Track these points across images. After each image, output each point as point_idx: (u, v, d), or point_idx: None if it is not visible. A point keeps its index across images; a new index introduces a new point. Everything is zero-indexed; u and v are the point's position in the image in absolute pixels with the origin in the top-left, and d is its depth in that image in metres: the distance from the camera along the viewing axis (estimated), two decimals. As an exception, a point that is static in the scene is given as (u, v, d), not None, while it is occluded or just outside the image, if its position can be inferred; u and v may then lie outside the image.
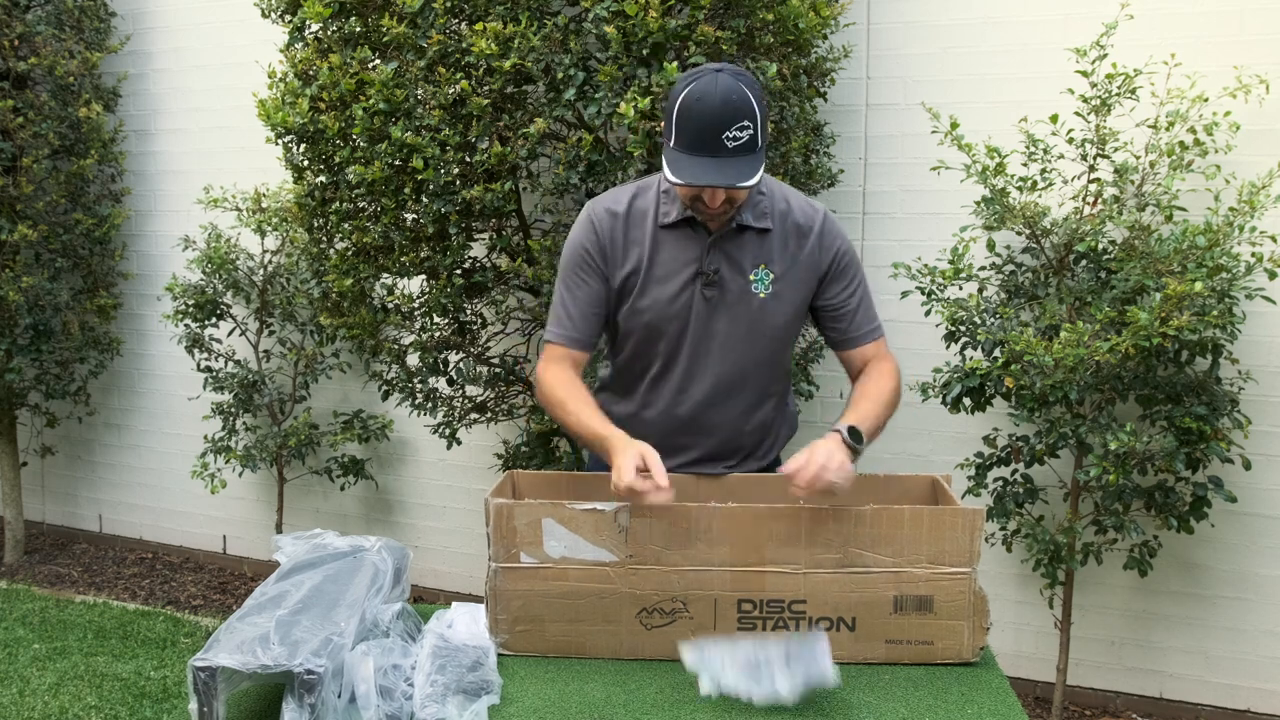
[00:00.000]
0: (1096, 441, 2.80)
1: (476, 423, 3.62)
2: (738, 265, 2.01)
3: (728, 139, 1.82)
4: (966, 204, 3.17)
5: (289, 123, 3.12)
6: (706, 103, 1.82)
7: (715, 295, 2.02)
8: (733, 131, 1.82)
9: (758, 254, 2.02)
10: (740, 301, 2.02)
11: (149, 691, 3.48)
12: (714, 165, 1.84)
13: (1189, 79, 3.02)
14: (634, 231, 2.04)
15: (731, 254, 2.01)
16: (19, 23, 4.25)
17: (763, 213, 2.02)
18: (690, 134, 1.84)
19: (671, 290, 2.02)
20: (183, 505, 4.91)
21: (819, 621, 1.72)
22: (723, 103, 1.82)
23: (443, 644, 1.70)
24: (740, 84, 1.84)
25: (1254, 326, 3.05)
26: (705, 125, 1.82)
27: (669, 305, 2.02)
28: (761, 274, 2.02)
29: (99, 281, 4.72)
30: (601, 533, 1.72)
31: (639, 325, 2.06)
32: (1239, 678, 3.26)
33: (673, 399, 2.09)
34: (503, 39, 2.84)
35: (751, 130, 1.83)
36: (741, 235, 2.01)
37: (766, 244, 2.02)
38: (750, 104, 1.83)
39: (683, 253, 2.02)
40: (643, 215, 2.04)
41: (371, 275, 3.27)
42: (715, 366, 2.06)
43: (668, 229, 2.02)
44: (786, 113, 3.09)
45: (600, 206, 2.07)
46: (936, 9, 3.40)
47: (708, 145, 1.83)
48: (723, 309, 2.02)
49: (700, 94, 1.83)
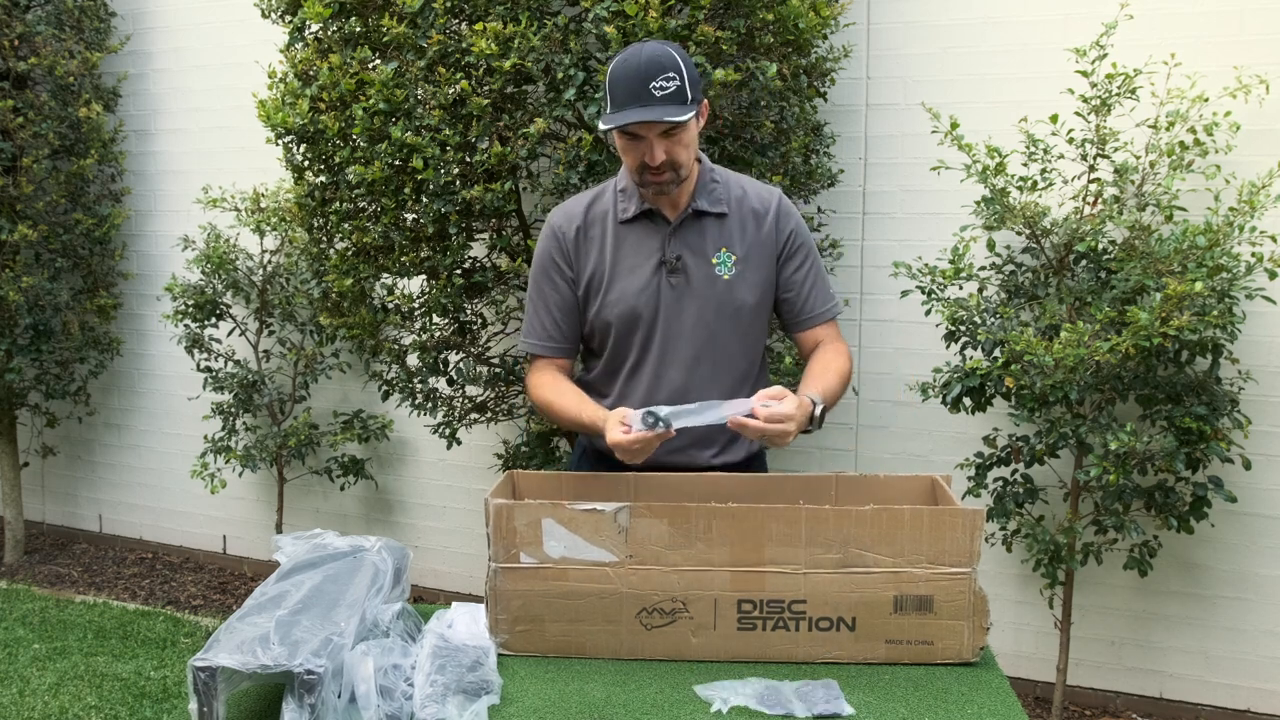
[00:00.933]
0: (1096, 441, 2.80)
1: (476, 423, 3.62)
2: (699, 251, 2.07)
3: (654, 88, 1.91)
4: (966, 204, 3.17)
5: (289, 123, 3.12)
6: (630, 61, 1.94)
7: (680, 281, 2.07)
8: (659, 81, 1.91)
9: (718, 238, 2.08)
10: (706, 285, 2.07)
11: (149, 691, 3.48)
12: (644, 111, 1.92)
13: (1189, 79, 3.02)
14: (593, 232, 2.11)
15: (692, 241, 2.08)
16: (19, 23, 4.25)
17: (718, 199, 2.09)
18: (619, 90, 1.93)
19: (638, 282, 2.08)
20: (183, 505, 4.91)
21: (819, 621, 1.72)
22: (647, 59, 1.92)
23: (443, 644, 1.70)
24: (666, 47, 1.95)
25: (1254, 326, 3.05)
26: (632, 79, 1.92)
27: (637, 297, 2.08)
28: (724, 256, 2.08)
29: (99, 281, 4.72)
30: (601, 533, 1.72)
31: (611, 319, 2.11)
32: (1239, 678, 3.26)
33: (651, 388, 2.11)
34: (503, 39, 2.84)
35: (678, 82, 1.92)
36: (700, 221, 2.08)
37: (725, 228, 2.09)
38: (674, 59, 1.93)
39: (645, 245, 2.08)
40: (602, 215, 2.11)
41: (371, 275, 3.27)
42: (689, 351, 2.09)
43: (628, 224, 2.09)
44: (786, 113, 3.09)
45: (560, 215, 2.15)
46: (936, 9, 3.40)
47: (637, 96, 1.92)
48: (689, 295, 2.07)
49: (625, 57, 1.96)
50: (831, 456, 3.66)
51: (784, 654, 1.73)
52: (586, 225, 2.11)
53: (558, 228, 2.13)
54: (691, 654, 1.75)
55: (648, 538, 1.71)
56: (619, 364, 2.15)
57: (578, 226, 2.11)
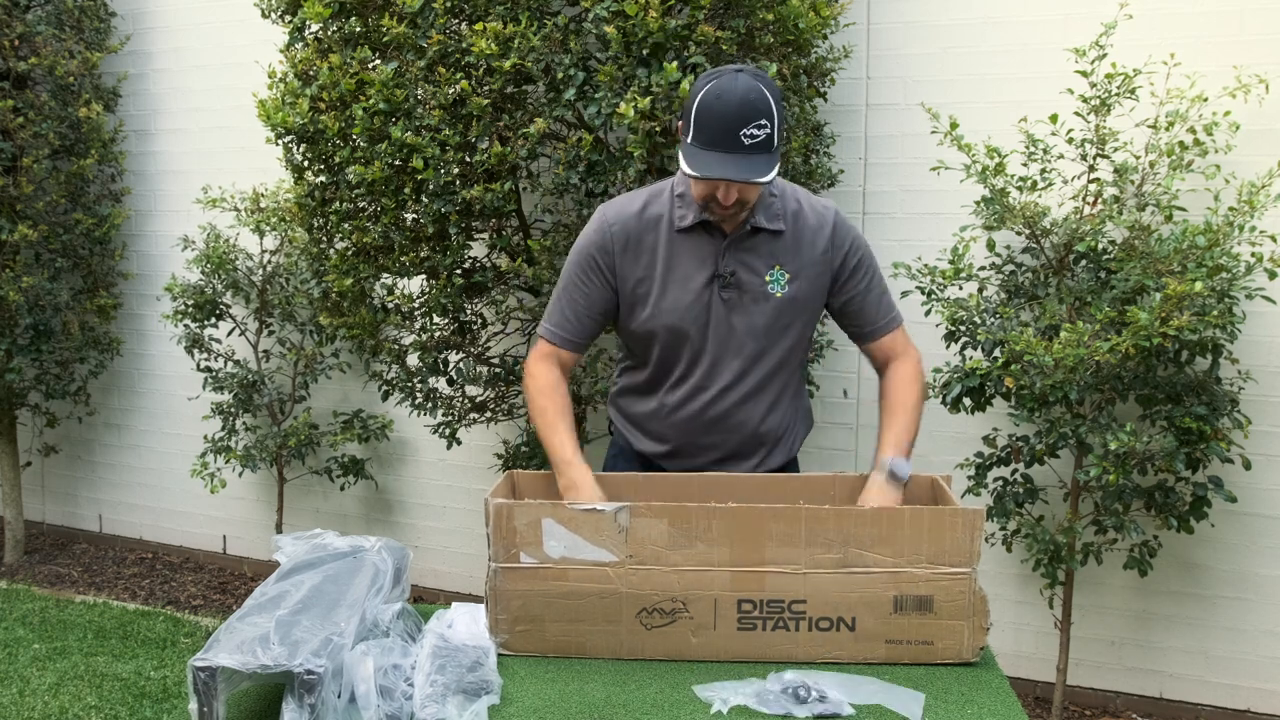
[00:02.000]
0: (1096, 441, 2.80)
1: (476, 423, 3.62)
2: (753, 267, 2.05)
3: (745, 136, 1.85)
4: (966, 204, 3.17)
5: (289, 123, 3.12)
6: (726, 100, 1.86)
7: (733, 296, 2.05)
8: (750, 129, 1.85)
9: (772, 255, 2.05)
10: (758, 302, 2.05)
11: (149, 691, 3.48)
12: (730, 161, 1.87)
13: (1189, 79, 3.02)
14: (647, 237, 2.06)
15: (746, 256, 2.04)
16: (19, 23, 4.25)
17: (775, 214, 2.05)
18: (709, 130, 1.87)
19: (691, 293, 2.05)
20: (183, 505, 4.91)
21: (819, 621, 1.72)
22: (741, 101, 1.85)
23: (443, 644, 1.70)
24: (759, 84, 1.88)
25: (1254, 326, 3.05)
26: (724, 122, 1.85)
27: (689, 309, 2.05)
28: (777, 274, 2.05)
29: (99, 281, 4.72)
30: (601, 533, 1.72)
31: (660, 328, 2.08)
32: (1239, 678, 3.26)
33: (695, 399, 2.11)
34: (503, 39, 2.84)
35: (768, 129, 1.87)
36: (755, 237, 2.05)
37: (780, 245, 2.06)
38: (769, 104, 1.87)
39: (699, 256, 2.05)
40: (656, 221, 2.07)
41: (371, 275, 3.27)
42: (736, 366, 2.08)
43: (683, 233, 2.05)
44: (786, 113, 3.09)
45: (613, 212, 2.09)
46: (936, 9, 3.40)
47: (725, 141, 1.86)
48: (741, 310, 2.05)
49: (720, 91, 1.87)
50: (831, 456, 3.66)
51: (784, 654, 1.73)
52: (640, 229, 2.06)
53: (608, 224, 2.07)
54: (691, 654, 1.75)
55: (648, 538, 1.71)
56: (664, 372, 2.13)
57: (630, 230, 2.06)
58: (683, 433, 2.13)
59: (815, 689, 1.59)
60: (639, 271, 2.06)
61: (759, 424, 2.14)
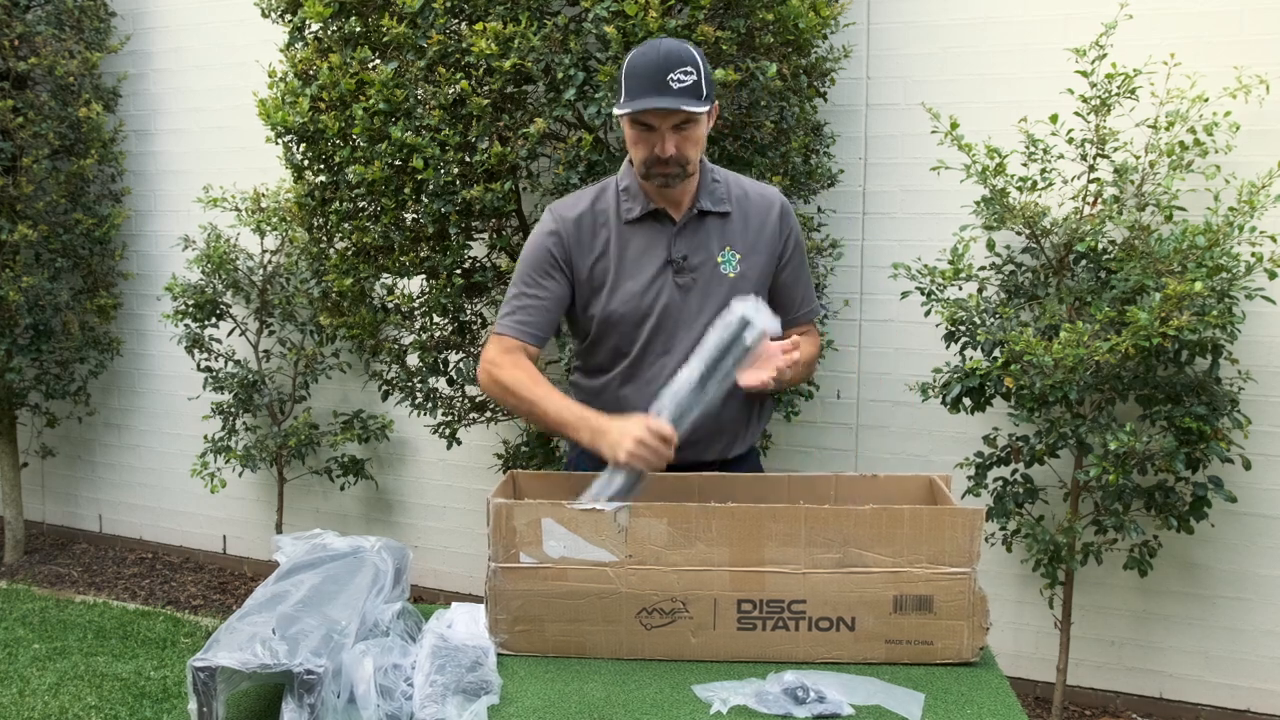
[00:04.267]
0: (1096, 441, 2.80)
1: (476, 423, 3.62)
2: (704, 249, 2.10)
3: (672, 80, 1.93)
4: (966, 204, 3.16)
5: (289, 122, 3.12)
6: (649, 54, 1.96)
7: (687, 281, 2.09)
8: (676, 74, 1.93)
9: (721, 237, 2.12)
10: (712, 283, 2.10)
11: (149, 691, 3.48)
12: (661, 99, 1.93)
13: (1189, 79, 3.02)
14: (600, 231, 2.11)
15: (697, 240, 2.10)
16: (19, 23, 4.25)
17: (720, 198, 2.12)
18: (635, 79, 1.95)
19: (644, 281, 2.09)
20: (183, 505, 4.91)
21: (819, 621, 1.72)
22: (665, 51, 1.95)
23: (442, 644, 1.70)
24: (683, 43, 1.98)
25: (1254, 326, 3.05)
26: (650, 69, 1.94)
27: (643, 296, 2.09)
28: (728, 255, 2.11)
29: (99, 281, 4.72)
30: (601, 533, 1.72)
31: (616, 318, 2.11)
32: (1239, 678, 3.26)
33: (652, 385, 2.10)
34: (503, 39, 2.84)
35: (695, 77, 1.94)
36: (703, 221, 2.11)
37: (728, 227, 2.12)
38: (692, 55, 1.96)
39: (650, 245, 2.10)
40: (605, 214, 2.12)
41: (371, 275, 3.27)
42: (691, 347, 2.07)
43: (632, 224, 2.10)
44: (786, 113, 3.09)
45: (563, 207, 2.15)
46: (936, 9, 3.40)
47: (654, 86, 1.93)
48: (696, 292, 2.10)
49: (643, 50, 1.98)
50: (831, 456, 3.66)
51: (784, 654, 1.73)
52: (593, 223, 2.11)
53: (560, 221, 2.11)
54: (691, 654, 1.74)
55: (647, 537, 1.71)
56: (621, 360, 2.15)
57: (581, 224, 2.11)
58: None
59: (815, 689, 1.59)
60: (593, 263, 2.10)
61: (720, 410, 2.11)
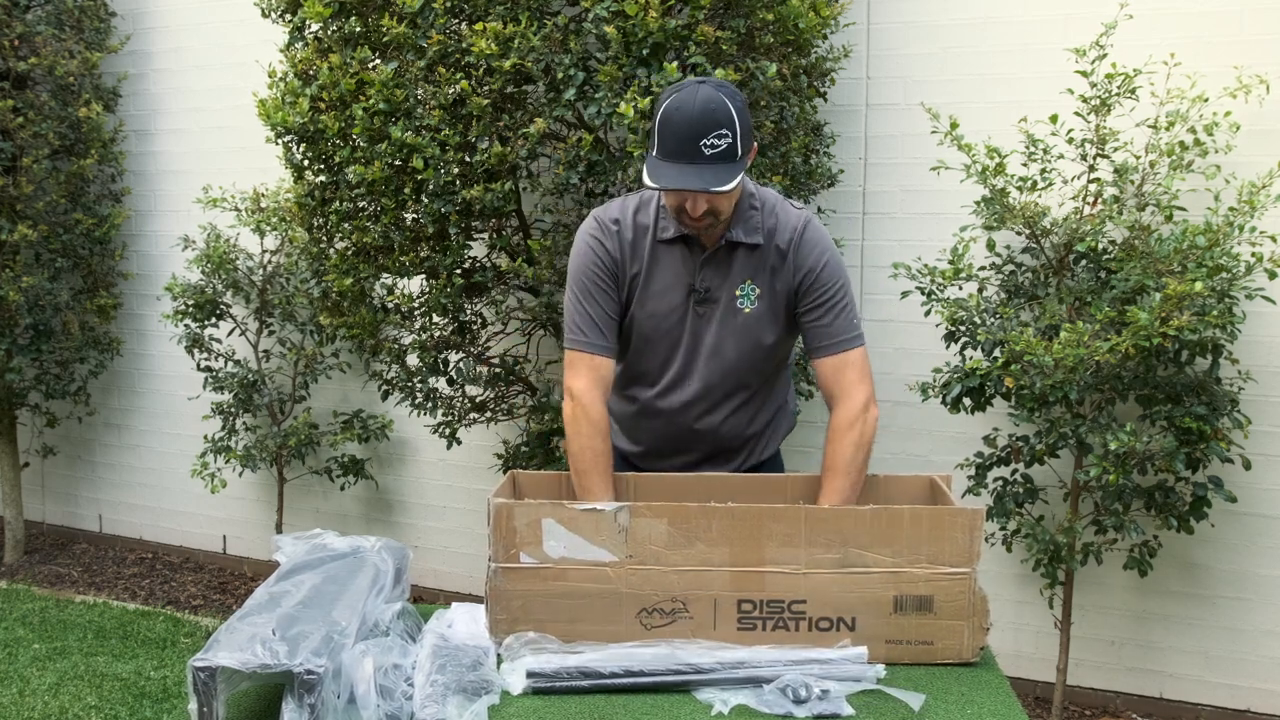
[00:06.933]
0: (1096, 441, 2.80)
1: (476, 423, 3.61)
2: (725, 281, 2.05)
3: (705, 145, 1.85)
4: (966, 204, 3.16)
5: (289, 122, 3.12)
6: (685, 111, 1.86)
7: (706, 311, 2.06)
8: (710, 139, 1.85)
9: (745, 270, 2.05)
10: (727, 317, 2.06)
11: (149, 691, 3.48)
12: (692, 171, 1.86)
13: (1189, 79, 3.02)
14: (638, 243, 2.06)
15: (721, 271, 2.05)
16: (19, 23, 4.25)
17: (754, 228, 2.03)
18: (670, 142, 1.87)
19: (667, 305, 2.06)
20: (183, 505, 4.91)
21: (819, 621, 1.72)
22: (701, 111, 1.85)
23: (443, 644, 1.70)
24: (720, 95, 1.87)
25: (1254, 326, 3.05)
26: (684, 132, 1.85)
27: (664, 319, 2.07)
28: (747, 289, 2.05)
29: (99, 281, 4.72)
30: (601, 533, 1.72)
31: (635, 335, 2.10)
32: (1239, 678, 3.26)
33: (663, 410, 2.13)
34: (503, 39, 2.84)
35: (730, 139, 1.86)
36: (733, 252, 2.04)
37: (755, 259, 2.05)
38: (729, 113, 1.86)
39: (676, 269, 2.05)
40: (644, 229, 2.07)
41: (371, 275, 3.27)
42: (708, 378, 2.09)
43: (665, 244, 2.05)
44: (786, 113, 3.09)
45: (607, 218, 2.09)
46: (936, 9, 3.40)
47: (685, 152, 1.86)
48: (713, 324, 2.06)
49: (680, 103, 1.87)
50: (831, 456, 3.66)
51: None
52: (635, 233, 2.06)
53: (604, 229, 2.07)
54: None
55: (648, 538, 1.71)
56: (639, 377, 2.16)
57: (625, 231, 2.06)
58: (654, 438, 2.18)
59: (815, 689, 1.59)
60: (633, 274, 2.07)
61: (734, 432, 2.16)
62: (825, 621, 1.72)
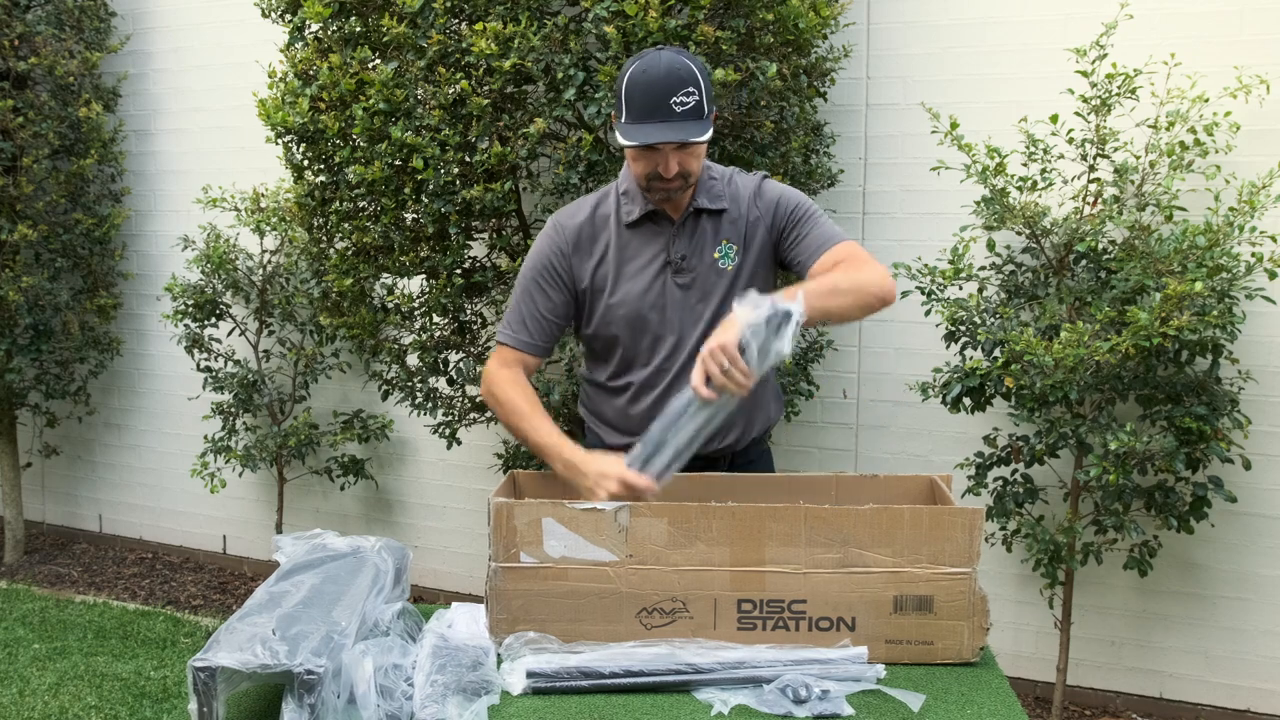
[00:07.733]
0: (1096, 441, 2.80)
1: (476, 423, 3.62)
2: (702, 247, 2.10)
3: (675, 104, 1.92)
4: (966, 204, 3.16)
5: (289, 122, 3.12)
6: (652, 73, 1.93)
7: (686, 280, 2.10)
8: (679, 97, 1.92)
9: (718, 232, 2.11)
10: (711, 278, 2.10)
11: (149, 691, 3.48)
12: (666, 127, 1.93)
13: (1189, 79, 3.02)
14: (600, 236, 2.12)
15: (695, 238, 2.10)
16: (19, 23, 4.25)
17: (717, 195, 2.11)
18: (639, 103, 1.94)
19: (644, 283, 2.10)
20: (183, 505, 4.91)
21: (819, 621, 1.72)
22: (667, 72, 1.93)
23: (443, 644, 1.70)
24: (683, 58, 1.96)
25: (1254, 326, 3.05)
26: (653, 93, 1.92)
27: (643, 297, 2.10)
28: (725, 248, 2.11)
29: (99, 281, 4.72)
30: (601, 532, 1.72)
31: (616, 322, 2.12)
32: (1239, 678, 3.26)
33: (660, 382, 2.13)
34: (503, 39, 2.84)
35: (697, 97, 1.94)
36: (699, 219, 2.10)
37: (724, 222, 2.11)
38: (694, 73, 1.94)
39: (649, 246, 2.10)
40: (605, 220, 2.13)
41: (371, 275, 3.27)
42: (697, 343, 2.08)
43: (632, 227, 2.11)
44: (786, 113, 3.09)
45: (564, 216, 2.16)
46: (936, 9, 3.40)
47: (658, 111, 1.93)
48: (696, 290, 2.10)
49: (646, 66, 1.95)
50: (831, 456, 3.66)
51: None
52: (593, 230, 2.12)
53: (561, 230, 2.13)
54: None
55: (648, 537, 1.71)
56: (629, 364, 2.16)
57: (581, 232, 2.12)
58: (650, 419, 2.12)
59: (815, 689, 1.59)
60: (593, 269, 2.11)
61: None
62: (825, 621, 1.72)
